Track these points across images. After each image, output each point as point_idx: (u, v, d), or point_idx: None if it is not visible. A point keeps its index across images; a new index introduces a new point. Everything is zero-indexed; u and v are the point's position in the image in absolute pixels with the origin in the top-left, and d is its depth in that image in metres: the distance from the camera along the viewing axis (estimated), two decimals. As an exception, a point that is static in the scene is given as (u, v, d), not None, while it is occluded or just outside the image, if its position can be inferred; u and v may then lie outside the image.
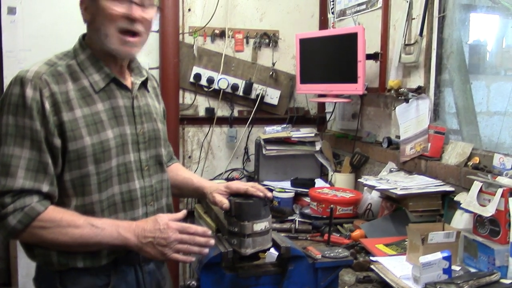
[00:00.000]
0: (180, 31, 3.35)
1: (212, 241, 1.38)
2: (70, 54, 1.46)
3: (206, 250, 1.37)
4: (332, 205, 2.18)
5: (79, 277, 1.42)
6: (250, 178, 3.41)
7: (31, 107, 1.31)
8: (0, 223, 1.31)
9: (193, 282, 1.40)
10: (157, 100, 1.67)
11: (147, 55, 3.34)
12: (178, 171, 1.81)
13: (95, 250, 1.39)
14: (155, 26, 3.30)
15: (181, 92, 3.40)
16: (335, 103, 3.29)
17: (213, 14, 3.38)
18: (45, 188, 1.33)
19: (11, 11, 3.13)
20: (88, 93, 1.41)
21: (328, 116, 3.50)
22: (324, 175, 3.17)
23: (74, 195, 1.39)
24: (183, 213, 1.41)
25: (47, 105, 1.33)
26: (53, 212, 1.34)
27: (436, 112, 2.42)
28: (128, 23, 1.39)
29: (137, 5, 1.40)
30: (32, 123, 1.32)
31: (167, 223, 1.34)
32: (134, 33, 1.41)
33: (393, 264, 1.73)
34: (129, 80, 1.53)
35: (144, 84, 1.59)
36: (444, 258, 1.55)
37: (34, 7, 3.14)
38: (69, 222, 1.33)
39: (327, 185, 2.85)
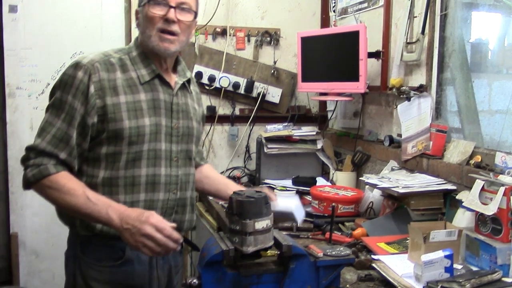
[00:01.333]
0: (182, 29, 3.33)
1: (177, 248, 1.49)
2: (125, 50, 1.69)
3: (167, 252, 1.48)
4: (333, 204, 2.18)
5: (97, 247, 1.61)
6: (252, 176, 3.40)
7: (77, 87, 1.54)
8: (23, 172, 1.55)
9: (194, 280, 1.39)
10: (197, 104, 1.85)
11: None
12: (210, 172, 2.01)
13: (86, 219, 1.55)
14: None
15: (182, 90, 3.39)
16: (337, 101, 3.28)
17: (214, 12, 3.38)
18: (62, 155, 1.53)
19: (13, 9, 3.13)
20: (134, 83, 1.62)
21: (329, 114, 3.49)
22: (325, 174, 3.17)
23: (104, 168, 1.59)
24: (172, 225, 1.48)
25: (92, 89, 1.54)
26: (61, 177, 1.52)
27: (438, 110, 2.42)
28: (165, 23, 1.60)
29: (174, 9, 1.60)
30: (73, 101, 1.54)
31: (148, 217, 1.43)
32: (171, 33, 1.61)
33: (394, 263, 1.73)
34: (173, 80, 1.72)
35: (186, 85, 1.76)
36: (446, 256, 1.55)
37: (35, 6, 3.14)
38: (69, 190, 1.50)
39: (329, 184, 2.85)
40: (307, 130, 3.16)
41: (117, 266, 1.62)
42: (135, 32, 3.27)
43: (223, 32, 3.44)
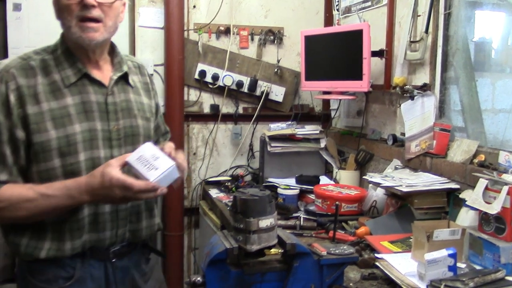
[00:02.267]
0: (185, 28, 3.35)
1: (164, 190, 1.39)
2: (49, 49, 1.49)
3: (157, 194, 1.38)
4: (337, 202, 2.18)
5: (45, 267, 1.46)
6: (255, 175, 3.41)
7: None
8: None
9: (198, 278, 1.40)
10: (147, 96, 1.66)
11: (152, 52, 3.35)
12: None
13: (58, 214, 1.40)
14: (160, 22, 3.31)
15: (186, 89, 3.40)
16: (340, 100, 3.28)
17: (218, 11, 3.38)
18: (2, 177, 1.38)
19: (17, 7, 3.13)
20: (57, 87, 1.43)
21: (333, 113, 3.49)
22: (328, 172, 3.17)
23: None
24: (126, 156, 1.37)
25: (12, 98, 1.36)
26: (3, 192, 1.36)
27: (442, 109, 2.42)
28: (84, 10, 1.39)
29: None
30: None
31: (110, 180, 1.32)
32: (94, 20, 1.41)
33: (398, 261, 1.73)
34: (107, 76, 1.53)
35: (125, 79, 1.57)
36: (450, 255, 1.55)
37: (39, 4, 3.14)
38: (19, 198, 1.36)
39: (332, 182, 2.85)
40: (310, 129, 3.16)
41: (68, 287, 1.47)
42: (139, 31, 3.30)
43: (227, 31, 3.45)
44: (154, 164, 1.37)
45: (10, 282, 3.10)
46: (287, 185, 2.77)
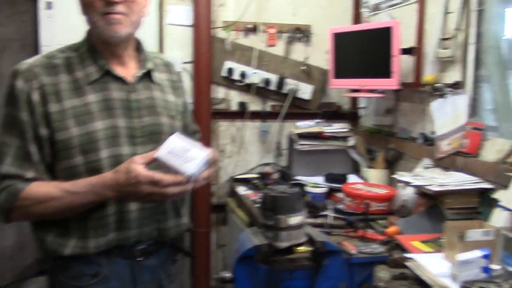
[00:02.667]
0: (213, 26, 3.36)
1: (189, 186, 1.32)
2: (74, 47, 1.51)
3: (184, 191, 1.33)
4: (367, 201, 2.16)
5: (70, 264, 1.46)
6: (283, 173, 3.40)
7: (19, 97, 1.38)
8: None
9: (227, 275, 1.41)
10: (174, 94, 1.64)
11: (181, 50, 3.37)
12: None
13: (84, 210, 1.40)
14: (188, 20, 3.33)
15: (213, 86, 3.41)
16: (369, 98, 3.25)
17: (245, 9, 3.38)
18: (29, 175, 1.39)
19: (48, 6, 3.19)
20: (80, 85, 1.43)
21: (361, 111, 3.46)
22: (357, 171, 3.14)
23: None
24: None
25: (35, 96, 1.38)
26: (30, 189, 1.37)
27: (474, 108, 2.37)
28: (108, 6, 1.39)
29: None
30: (19, 113, 1.38)
31: (137, 177, 1.29)
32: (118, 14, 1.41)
33: (429, 262, 1.70)
34: (132, 72, 1.52)
35: (149, 77, 1.56)
36: (483, 256, 1.52)
37: (70, 2, 3.16)
38: (46, 196, 1.36)
39: (360, 181, 2.83)
40: (338, 127, 3.14)
41: (93, 285, 1.46)
42: (168, 28, 3.33)
43: (255, 29, 3.44)
44: (187, 156, 1.31)
45: (42, 274, 3.16)
46: (315, 183, 2.75)
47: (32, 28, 3.21)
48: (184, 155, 1.31)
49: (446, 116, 2.41)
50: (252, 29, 3.45)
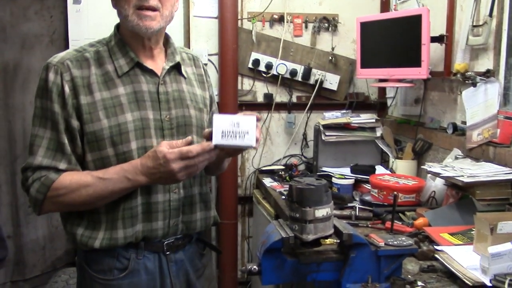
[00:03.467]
0: (239, 17, 3.35)
1: (213, 154, 1.36)
2: (104, 41, 1.53)
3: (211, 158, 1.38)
4: (395, 192, 2.13)
5: (100, 257, 1.49)
6: (309, 164, 3.38)
7: (51, 90, 1.40)
8: (28, 197, 1.43)
9: (254, 267, 1.40)
10: (200, 87, 1.66)
11: (207, 42, 3.37)
12: None
13: (115, 198, 1.42)
14: (214, 12, 3.32)
15: (239, 78, 3.41)
16: (397, 88, 3.20)
17: (271, -1, 3.36)
18: (62, 166, 1.41)
19: (76, 0, 3.23)
20: (110, 77, 1.46)
21: (389, 101, 3.41)
22: (384, 162, 3.10)
23: None
24: (186, 140, 1.39)
25: (67, 89, 1.41)
26: (63, 178, 1.39)
27: (506, 96, 2.30)
28: (141, 0, 1.41)
29: None
30: (52, 105, 1.41)
31: (165, 156, 1.33)
32: (151, 9, 1.43)
33: (459, 254, 1.67)
34: (161, 65, 1.54)
35: (177, 70, 1.58)
36: (515, 249, 1.48)
37: (98, -3, 3.23)
38: (79, 184, 1.38)
39: (388, 172, 2.79)
40: (366, 118, 3.10)
41: (122, 279, 1.48)
42: (194, 21, 3.33)
43: (280, 19, 3.42)
44: (241, 130, 1.34)
45: (72, 265, 3.23)
46: (341, 175, 2.73)
47: (60, 23, 3.26)
48: (237, 130, 1.33)
49: (477, 105, 2.35)
50: (278, 20, 3.42)
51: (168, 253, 1.53)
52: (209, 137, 1.37)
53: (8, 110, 3.15)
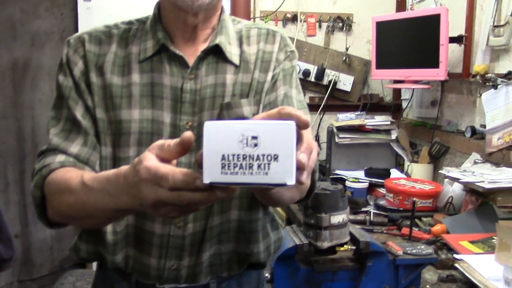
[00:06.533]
0: (252, 16, 3.29)
1: (213, 197, 0.73)
2: (143, 18, 1.21)
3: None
4: (414, 198, 2.05)
5: (105, 282, 1.21)
6: (322, 167, 3.32)
7: (67, 65, 1.14)
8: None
9: (266, 275, 1.34)
10: (264, 69, 1.16)
11: (218, 41, 3.31)
12: None
13: (107, 220, 1.01)
14: (226, 11, 3.26)
15: (251, 78, 3.35)
16: (413, 89, 3.12)
17: (285, -2, 3.30)
18: (73, 148, 1.08)
19: (87, -3, 3.19)
20: (129, 61, 1.13)
21: (404, 103, 3.34)
22: (399, 165, 3.03)
23: None
24: (181, 140, 0.75)
25: (80, 64, 1.13)
26: (58, 173, 1.03)
27: (528, 99, 2.23)
28: None
29: None
30: (68, 81, 1.13)
31: (138, 171, 0.76)
32: None
33: (479, 264, 1.60)
34: (199, 51, 1.13)
35: (221, 54, 1.13)
36: (541, 260, 1.41)
37: (108, -6, 3.19)
38: (66, 185, 0.97)
39: (403, 176, 2.72)
40: (380, 120, 3.02)
41: None
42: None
43: (294, 18, 3.36)
44: (261, 153, 0.69)
45: (80, 266, 3.20)
46: (355, 178, 2.66)
47: (70, 21, 3.23)
48: (254, 153, 0.69)
49: (498, 108, 2.28)
50: (291, 19, 3.36)
51: (161, 286, 1.13)
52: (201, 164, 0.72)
53: (17, 108, 3.11)
